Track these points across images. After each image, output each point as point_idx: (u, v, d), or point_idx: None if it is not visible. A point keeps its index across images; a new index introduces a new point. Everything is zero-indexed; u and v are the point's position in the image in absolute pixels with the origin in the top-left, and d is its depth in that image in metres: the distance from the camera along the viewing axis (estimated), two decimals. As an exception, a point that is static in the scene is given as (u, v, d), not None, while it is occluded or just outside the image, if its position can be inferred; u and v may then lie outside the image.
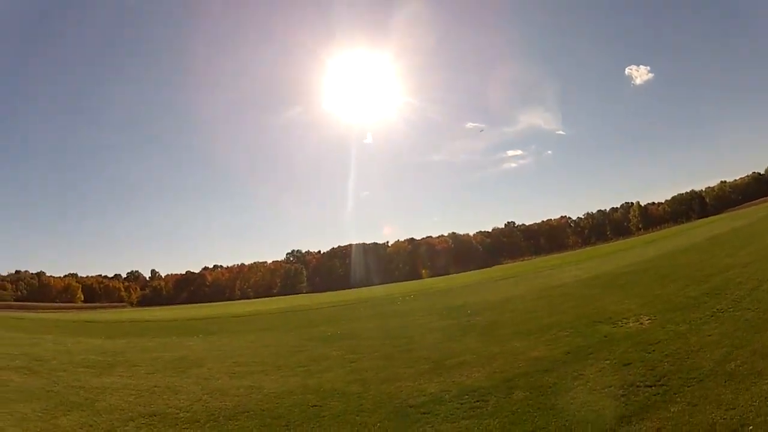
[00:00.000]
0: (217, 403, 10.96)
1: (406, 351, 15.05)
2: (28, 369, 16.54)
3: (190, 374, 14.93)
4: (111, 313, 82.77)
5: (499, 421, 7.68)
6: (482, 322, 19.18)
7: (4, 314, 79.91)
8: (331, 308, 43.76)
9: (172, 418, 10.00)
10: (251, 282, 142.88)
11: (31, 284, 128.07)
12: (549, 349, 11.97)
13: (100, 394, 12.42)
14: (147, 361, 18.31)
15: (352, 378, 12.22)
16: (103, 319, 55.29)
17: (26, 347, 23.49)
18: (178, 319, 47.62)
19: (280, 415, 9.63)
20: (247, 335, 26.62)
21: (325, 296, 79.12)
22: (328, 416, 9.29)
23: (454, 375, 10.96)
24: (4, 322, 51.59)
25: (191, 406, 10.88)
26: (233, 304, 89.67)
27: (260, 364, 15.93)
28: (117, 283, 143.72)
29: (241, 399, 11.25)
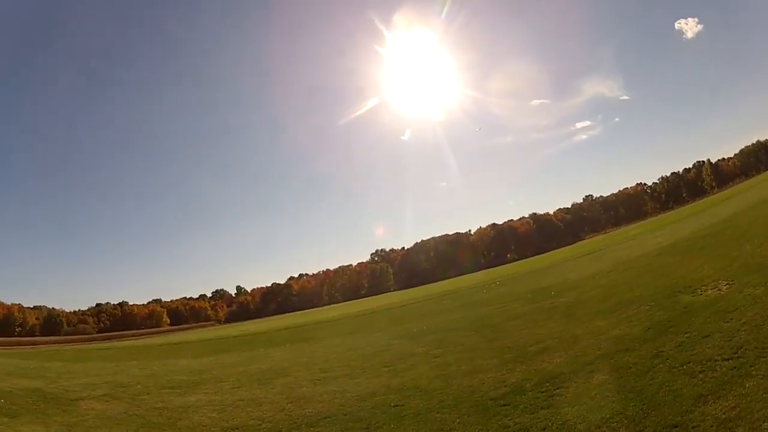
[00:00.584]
0: (300, 411, 12.91)
1: (490, 341, 17.82)
2: (110, 396, 20.06)
3: (275, 384, 17.72)
4: (198, 333, 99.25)
5: (578, 409, 8.93)
6: (565, 302, 22.33)
7: (87, 347, 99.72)
8: (417, 304, 51.64)
9: (254, 429, 11.97)
10: (338, 286, 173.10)
11: (114, 315, 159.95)
12: (630, 326, 13.93)
13: (183, 413, 15.04)
14: (232, 376, 21.91)
15: (436, 374, 14.36)
16: (190, 340, 67.35)
17: (109, 376, 28.24)
18: (266, 332, 57.50)
19: (361, 418, 11.23)
20: (333, 340, 31.46)
21: (412, 292, 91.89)
22: (409, 415, 10.78)
23: (536, 362, 12.86)
24: (87, 354, 61.95)
25: (274, 416, 12.95)
26: (321, 310, 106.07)
27: (345, 368, 18.64)
28: (203, 302, 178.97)
29: (324, 405, 13.18)
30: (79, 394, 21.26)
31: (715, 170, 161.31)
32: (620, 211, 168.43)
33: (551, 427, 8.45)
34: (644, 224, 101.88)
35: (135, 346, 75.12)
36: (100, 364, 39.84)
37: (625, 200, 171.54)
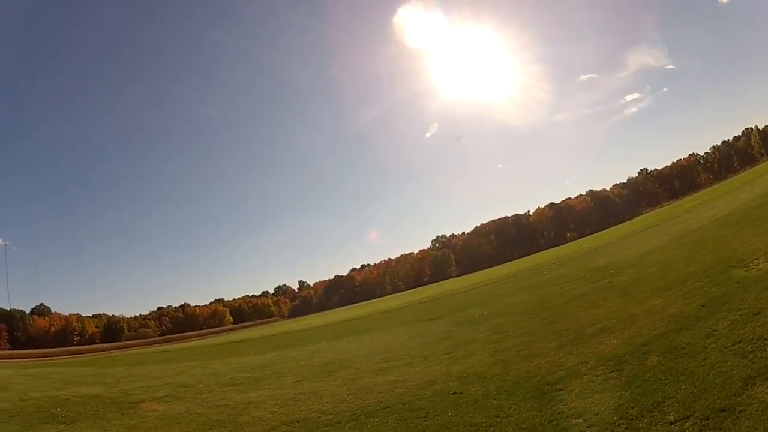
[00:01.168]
0: (361, 402, 14.02)
1: (548, 323, 19.25)
2: (171, 396, 22.16)
3: (337, 377, 19.18)
4: (261, 330, 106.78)
5: (631, 392, 9.57)
6: (623, 281, 23.78)
7: (148, 350, 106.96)
8: (478, 288, 55.17)
9: (315, 422, 13.03)
10: (401, 274, 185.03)
11: (176, 317, 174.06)
12: (685, 304, 14.80)
13: (244, 409, 16.49)
14: (294, 370, 23.79)
15: (495, 360, 15.57)
16: (253, 337, 72.89)
17: (170, 377, 30.90)
18: (328, 324, 62.14)
19: (420, 407, 12.16)
20: (396, 329, 33.80)
21: (474, 277, 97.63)
22: (467, 402, 11.64)
23: (593, 344, 13.89)
24: (148, 357, 67.23)
25: (335, 408, 14.06)
26: (383, 300, 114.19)
27: (407, 357, 20.08)
28: (266, 299, 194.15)
29: (384, 395, 14.28)
30: (140, 397, 23.44)
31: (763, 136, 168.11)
32: (675, 183, 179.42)
33: (603, 412, 9.04)
34: (699, 196, 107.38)
35: (197, 346, 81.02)
36: (162, 366, 43.50)
37: (680, 172, 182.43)
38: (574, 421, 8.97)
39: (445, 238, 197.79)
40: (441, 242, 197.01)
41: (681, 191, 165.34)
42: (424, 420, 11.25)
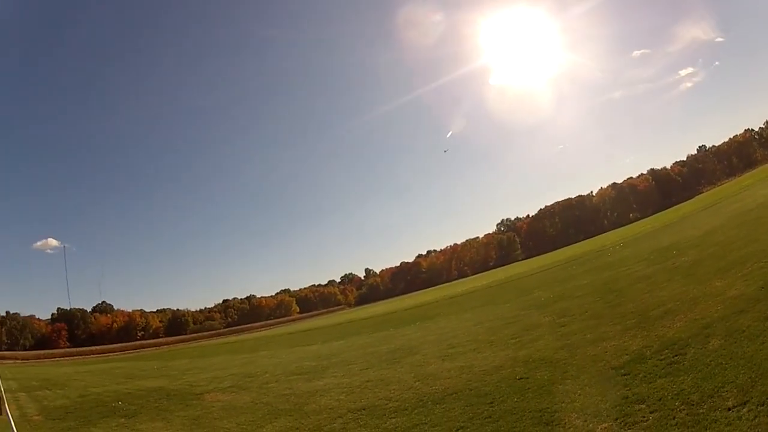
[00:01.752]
0: (427, 389, 14.50)
1: (613, 306, 19.85)
2: (237, 387, 23.43)
3: (404, 363, 19.83)
4: (328, 318, 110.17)
5: (693, 377, 9.80)
6: (686, 262, 24.66)
7: (214, 342, 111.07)
8: (544, 272, 56.54)
9: (381, 409, 13.62)
10: (467, 259, 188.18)
11: (241, 309, 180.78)
12: (746, 285, 15.20)
13: (310, 397, 17.36)
14: (361, 357, 24.68)
15: (561, 344, 16.01)
16: (320, 326, 75.73)
17: (236, 368, 32.51)
18: (395, 311, 63.90)
19: (486, 393, 12.57)
20: (463, 315, 34.53)
21: (540, 260, 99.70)
22: (533, 388, 12.00)
23: (657, 327, 14.24)
24: (213, 349, 70.39)
25: (401, 395, 14.63)
26: (450, 286, 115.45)
27: (474, 342, 20.61)
28: (332, 288, 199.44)
29: (450, 381, 14.76)
30: (205, 388, 24.82)
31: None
32: (733, 160, 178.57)
33: (666, 398, 9.22)
34: (756, 173, 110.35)
35: (263, 336, 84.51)
36: (227, 357, 45.62)
37: (737, 148, 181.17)
38: (638, 407, 9.18)
39: (510, 221, 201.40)
40: (506, 225, 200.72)
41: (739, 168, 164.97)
42: (491, 406, 11.60)
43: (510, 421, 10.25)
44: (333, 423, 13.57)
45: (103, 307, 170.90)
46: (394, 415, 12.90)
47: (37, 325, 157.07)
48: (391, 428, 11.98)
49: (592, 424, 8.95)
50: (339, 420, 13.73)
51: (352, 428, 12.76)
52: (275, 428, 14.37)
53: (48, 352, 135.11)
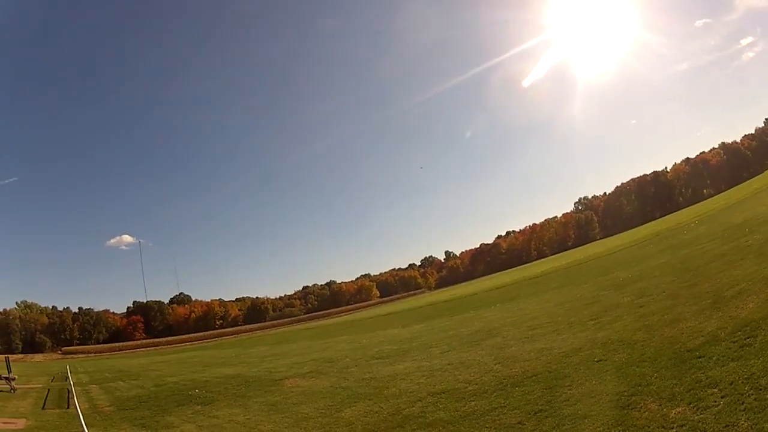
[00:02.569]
0: (507, 371, 15.11)
1: (690, 286, 20.15)
2: (316, 372, 24.61)
3: (484, 346, 20.57)
4: (408, 302, 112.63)
5: (762, 360, 9.99)
6: (758, 240, 25.11)
7: (293, 328, 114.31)
8: (622, 251, 58.05)
9: (460, 392, 14.21)
10: (545, 240, 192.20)
11: (322, 295, 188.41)
12: None
13: (390, 381, 18.13)
14: (442, 340, 25.46)
15: (639, 325, 16.42)
16: (400, 309, 77.35)
17: (316, 353, 34.01)
18: (476, 293, 66.24)
19: (565, 375, 13.04)
20: (543, 295, 35.43)
21: (617, 239, 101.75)
22: (611, 370, 12.40)
23: (731, 308, 14.42)
24: (293, 335, 73.40)
25: (481, 377, 15.26)
26: (530, 266, 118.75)
27: (553, 324, 21.22)
28: (412, 272, 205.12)
29: (530, 363, 15.31)
30: (284, 374, 26.15)
31: None
32: None
33: (737, 382, 9.43)
34: None
35: (344, 321, 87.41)
36: (307, 343, 47.47)
37: None
38: (710, 391, 9.42)
39: (587, 199, 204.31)
40: (583, 204, 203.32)
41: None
42: (569, 389, 12.07)
43: (588, 404, 10.64)
44: (412, 407, 14.20)
45: (180, 299, 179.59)
46: (473, 399, 13.45)
47: (112, 319, 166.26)
48: (469, 412, 12.44)
49: (666, 409, 9.24)
50: (418, 403, 14.37)
51: (430, 412, 13.29)
52: (354, 412, 15.09)
53: (122, 345, 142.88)
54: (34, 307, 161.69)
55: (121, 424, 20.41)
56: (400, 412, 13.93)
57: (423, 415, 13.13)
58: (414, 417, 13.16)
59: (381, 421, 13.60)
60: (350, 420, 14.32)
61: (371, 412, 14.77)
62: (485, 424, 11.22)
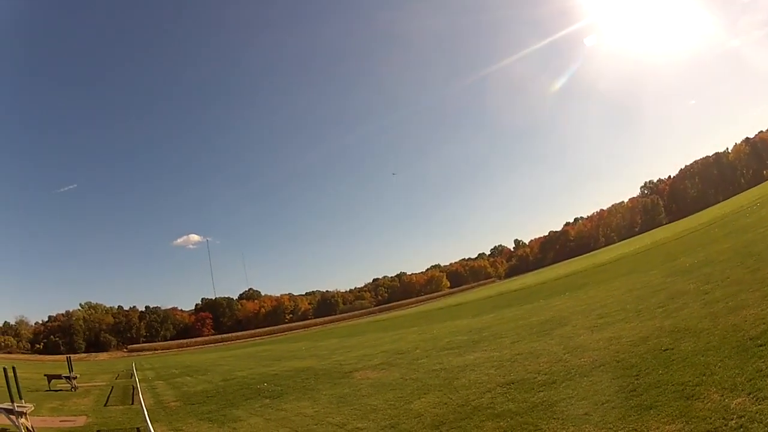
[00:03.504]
0: (576, 361, 15.43)
1: (753, 271, 20.49)
2: (386, 364, 25.19)
3: (554, 335, 20.92)
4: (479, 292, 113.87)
5: None
6: None
7: (364, 321, 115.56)
8: (687, 236, 58.12)
9: (530, 382, 14.58)
10: (613, 225, 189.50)
11: (392, 286, 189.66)
12: None
13: (460, 372, 18.64)
14: (512, 330, 26.00)
15: (704, 312, 16.58)
16: (471, 299, 78.63)
17: (386, 345, 34.70)
18: (545, 282, 66.96)
19: (633, 365, 13.27)
20: (611, 283, 35.66)
21: (682, 223, 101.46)
22: (677, 359, 12.58)
23: None
24: (363, 327, 74.80)
25: (550, 368, 15.61)
26: (598, 254, 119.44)
27: (622, 312, 21.47)
28: (482, 261, 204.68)
29: (599, 353, 15.59)
30: (354, 366, 26.95)
31: None
32: None
33: None
34: None
35: (414, 313, 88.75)
36: (378, 335, 48.47)
37: None
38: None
39: (653, 183, 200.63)
40: (649, 188, 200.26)
41: None
42: (636, 379, 12.28)
43: (653, 394, 10.83)
44: (481, 398, 14.57)
45: (249, 294, 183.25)
46: (542, 389, 13.77)
47: (180, 316, 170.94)
48: (538, 402, 12.73)
49: (728, 399, 9.40)
50: (487, 394, 14.74)
51: (500, 402, 13.61)
52: (423, 403, 15.52)
53: (190, 341, 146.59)
54: (99, 307, 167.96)
55: (187, 419, 21.36)
56: (470, 403, 14.28)
57: (492, 406, 13.44)
58: (483, 408, 13.47)
59: (450, 412, 13.93)
60: (419, 411, 14.72)
61: (440, 403, 15.16)
62: (553, 416, 11.46)
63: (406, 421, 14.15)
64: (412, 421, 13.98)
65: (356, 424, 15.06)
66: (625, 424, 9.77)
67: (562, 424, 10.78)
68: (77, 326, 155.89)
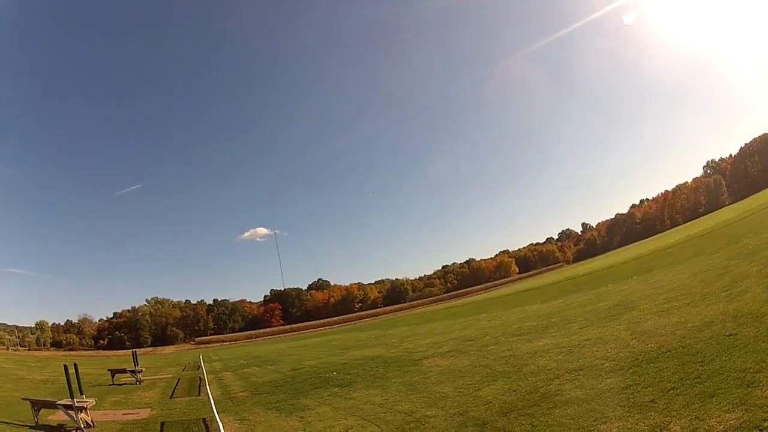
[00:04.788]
0: (643, 347, 15.59)
1: None
2: (456, 351, 25.66)
3: (622, 320, 21.04)
4: (547, 277, 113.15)
5: None
6: None
7: (433, 308, 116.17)
8: (750, 216, 58.10)
9: (597, 369, 14.82)
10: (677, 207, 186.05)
11: (461, 273, 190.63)
12: None
13: (529, 358, 19.03)
14: (580, 315, 26.18)
15: (767, 296, 16.22)
16: (539, 285, 79.60)
17: (456, 332, 35.19)
18: (612, 266, 67.11)
19: (697, 351, 13.36)
20: (677, 266, 35.45)
21: (745, 204, 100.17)
22: (740, 345, 12.62)
23: None
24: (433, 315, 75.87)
25: (618, 353, 15.80)
26: (663, 236, 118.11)
27: (688, 296, 21.42)
28: (550, 246, 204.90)
29: (665, 338, 15.71)
30: (423, 354, 27.48)
31: None
32: None
33: None
34: None
35: (484, 299, 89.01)
36: (447, 322, 49.08)
37: None
38: None
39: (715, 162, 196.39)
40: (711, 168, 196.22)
41: None
42: (701, 365, 12.42)
43: (716, 381, 10.95)
44: (549, 384, 14.87)
45: (319, 284, 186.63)
46: (609, 375, 14.00)
47: (248, 308, 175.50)
48: (605, 389, 12.97)
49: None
50: (555, 381, 15.04)
51: (567, 389, 13.89)
52: (492, 390, 15.91)
53: (258, 332, 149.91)
54: (165, 302, 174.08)
55: (254, 408, 21.99)
56: (538, 390, 14.60)
57: (560, 393, 13.72)
58: (551, 395, 13.76)
59: (518, 399, 14.25)
60: (488, 399, 15.08)
61: (509, 390, 15.51)
62: (619, 403, 11.65)
63: (474, 408, 14.47)
64: (481, 408, 14.30)
65: (425, 411, 15.46)
66: (688, 411, 9.94)
67: (628, 411, 10.96)
68: (143, 321, 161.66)
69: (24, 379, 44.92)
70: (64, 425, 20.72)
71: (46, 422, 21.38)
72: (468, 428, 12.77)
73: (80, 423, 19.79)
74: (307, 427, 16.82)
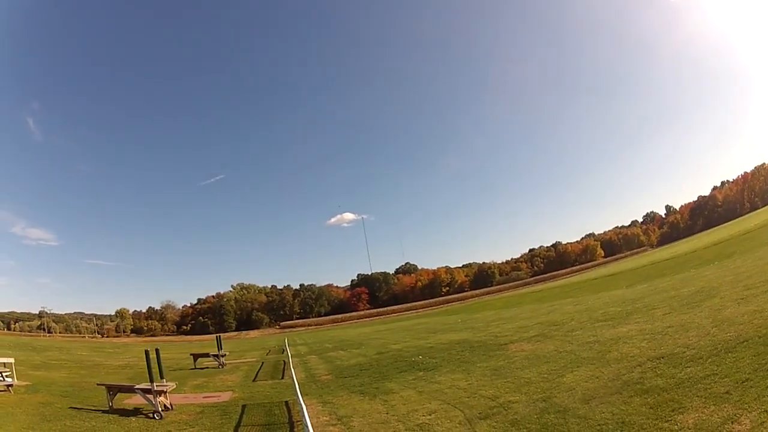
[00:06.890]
0: (722, 335, 15.70)
1: None
2: (541, 336, 26.12)
3: (703, 307, 21.13)
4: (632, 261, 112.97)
5: None
6: None
7: (519, 292, 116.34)
8: None
9: (678, 357, 14.96)
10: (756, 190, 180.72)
11: (548, 256, 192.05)
12: None
13: (613, 345, 19.25)
14: (664, 301, 26.26)
15: None
16: (624, 269, 78.44)
17: (542, 316, 35.65)
18: (695, 250, 66.25)
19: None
20: (757, 252, 35.46)
21: None
22: None
23: None
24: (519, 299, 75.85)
25: (698, 342, 15.95)
26: (743, 220, 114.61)
27: (766, 283, 21.39)
28: (634, 229, 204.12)
29: (743, 327, 15.81)
30: (509, 339, 28.00)
31: None
32: None
33: None
34: None
35: (569, 283, 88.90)
36: (533, 306, 49.58)
37: None
38: None
39: None
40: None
41: None
42: (767, 357, 12.46)
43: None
44: (631, 372, 15.09)
45: (406, 268, 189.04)
46: (689, 364, 14.10)
47: (335, 293, 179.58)
48: (684, 378, 13.03)
49: None
50: (637, 369, 15.23)
51: (649, 378, 14.03)
52: (575, 377, 16.27)
53: (344, 316, 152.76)
54: (251, 288, 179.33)
55: (338, 392, 22.51)
56: (620, 378, 14.83)
57: (641, 381, 13.87)
58: (632, 383, 13.93)
59: (600, 386, 14.48)
60: (571, 385, 15.41)
61: (592, 377, 15.79)
62: (696, 393, 11.75)
63: (557, 394, 14.83)
64: (564, 394, 14.66)
65: (508, 397, 15.88)
66: (759, 404, 10.10)
67: (704, 402, 11.15)
68: (228, 306, 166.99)
69: (101, 365, 46.60)
70: (141, 408, 21.42)
71: (121, 406, 22.16)
72: (550, 415, 13.10)
73: (158, 406, 20.44)
74: (391, 410, 17.31)
